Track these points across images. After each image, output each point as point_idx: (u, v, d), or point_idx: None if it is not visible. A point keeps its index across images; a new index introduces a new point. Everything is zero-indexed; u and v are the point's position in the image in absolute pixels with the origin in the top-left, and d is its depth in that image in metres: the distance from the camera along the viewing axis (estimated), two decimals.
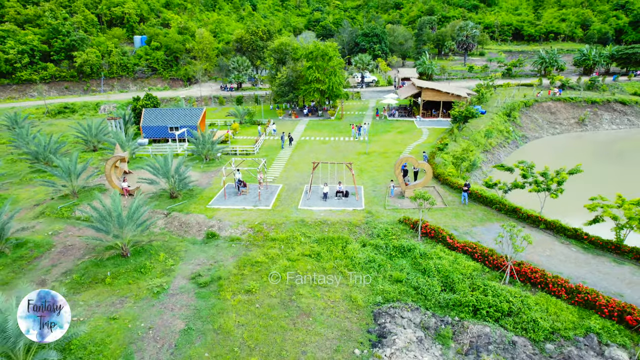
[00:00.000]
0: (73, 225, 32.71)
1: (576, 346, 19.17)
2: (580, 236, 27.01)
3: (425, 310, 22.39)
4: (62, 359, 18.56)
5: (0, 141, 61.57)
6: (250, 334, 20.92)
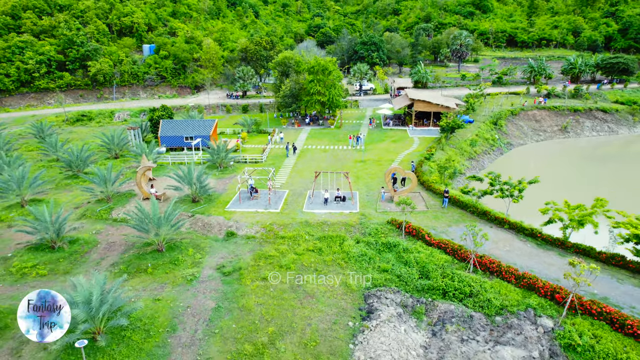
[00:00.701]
0: (112, 226, 38.71)
1: (517, 318, 25.15)
2: (535, 234, 33.02)
3: (405, 293, 28.37)
4: (127, 325, 24.51)
5: (29, 148, 67.52)
6: (266, 310, 26.90)
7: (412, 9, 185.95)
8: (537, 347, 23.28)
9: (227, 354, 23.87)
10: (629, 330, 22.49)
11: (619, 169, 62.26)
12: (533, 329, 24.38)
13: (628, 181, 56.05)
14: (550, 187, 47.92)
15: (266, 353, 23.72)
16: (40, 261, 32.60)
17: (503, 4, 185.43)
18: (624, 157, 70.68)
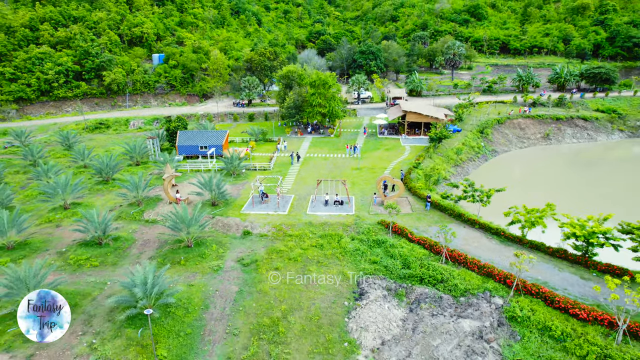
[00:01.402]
0: (145, 226, 45.90)
1: (477, 298, 32.33)
2: (499, 233, 40.21)
3: (390, 280, 35.55)
4: (171, 303, 31.69)
5: (56, 155, 74.67)
6: (279, 293, 34.07)
7: (410, 16, 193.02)
8: (489, 319, 30.46)
9: (250, 325, 31.06)
10: (557, 305, 29.67)
11: (592, 173, 69.42)
12: (487, 306, 31.57)
13: (596, 184, 63.11)
14: (523, 191, 55.22)
15: (280, 324, 30.91)
16: (91, 255, 39.79)
17: (497, 11, 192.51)
18: (598, 162, 77.79)
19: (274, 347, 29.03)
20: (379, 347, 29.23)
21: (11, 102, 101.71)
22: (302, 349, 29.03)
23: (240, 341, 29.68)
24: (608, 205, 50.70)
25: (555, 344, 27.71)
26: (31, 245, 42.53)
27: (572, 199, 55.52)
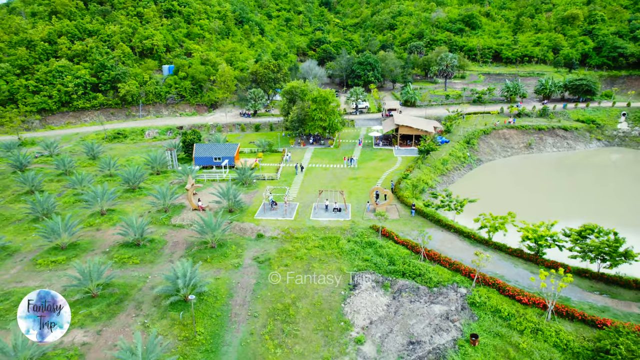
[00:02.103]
0: (173, 230, 54.48)
1: (446, 288, 40.89)
2: (470, 236, 48.79)
3: (378, 274, 44.10)
4: (204, 292, 40.24)
5: (83, 164, 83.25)
6: (289, 285, 42.61)
7: (407, 25, 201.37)
8: (455, 304, 39.04)
9: (266, 309, 39.63)
10: (507, 293, 38.26)
11: (564, 180, 77.86)
12: (454, 294, 40.16)
13: (566, 190, 71.60)
14: (499, 197, 63.80)
15: (290, 308, 39.47)
16: (132, 254, 48.38)
17: (491, 20, 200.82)
18: (572, 170, 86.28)
19: (286, 326, 37.59)
20: (368, 326, 37.80)
21: (35, 113, 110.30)
22: (308, 327, 37.60)
23: (259, 321, 38.25)
24: (572, 209, 59.66)
25: (502, 322, 36.31)
26: (80, 246, 51.14)
27: (541, 204, 64.09)
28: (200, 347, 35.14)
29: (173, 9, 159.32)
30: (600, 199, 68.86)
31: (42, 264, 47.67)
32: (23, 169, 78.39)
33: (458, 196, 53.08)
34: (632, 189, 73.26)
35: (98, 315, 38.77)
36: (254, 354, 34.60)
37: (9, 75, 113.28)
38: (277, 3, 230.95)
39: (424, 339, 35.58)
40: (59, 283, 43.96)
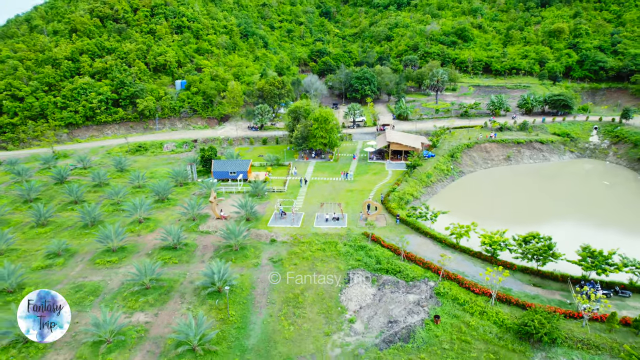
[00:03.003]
0: (201, 235, 67.12)
1: (419, 282, 53.56)
2: (441, 240, 61.45)
3: (367, 271, 56.74)
4: (233, 285, 52.95)
5: (113, 176, 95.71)
6: (298, 279, 55.23)
7: (403, 36, 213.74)
8: (425, 294, 51.69)
9: (281, 298, 52.24)
10: (464, 286, 50.92)
11: (534, 188, 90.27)
12: (425, 286, 52.83)
13: (532, 197, 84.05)
14: (472, 206, 76.43)
15: (299, 297, 52.07)
16: (172, 255, 61.04)
17: (483, 32, 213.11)
18: (543, 179, 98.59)
19: (296, 310, 50.21)
20: (358, 310, 50.46)
21: (63, 127, 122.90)
22: (313, 311, 50.23)
23: (276, 306, 50.89)
24: (532, 215, 72.23)
25: (459, 307, 48.99)
26: (127, 249, 63.80)
27: (506, 211, 76.65)
28: (233, 325, 47.79)
29: (183, 25, 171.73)
30: (559, 204, 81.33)
31: (100, 263, 60.36)
32: (63, 181, 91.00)
33: (434, 208, 65.81)
34: (592, 195, 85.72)
35: (153, 302, 51.47)
36: (273, 330, 47.24)
37: (38, 92, 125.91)
38: (279, 14, 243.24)
39: (400, 319, 48.25)
40: (117, 278, 56.72)
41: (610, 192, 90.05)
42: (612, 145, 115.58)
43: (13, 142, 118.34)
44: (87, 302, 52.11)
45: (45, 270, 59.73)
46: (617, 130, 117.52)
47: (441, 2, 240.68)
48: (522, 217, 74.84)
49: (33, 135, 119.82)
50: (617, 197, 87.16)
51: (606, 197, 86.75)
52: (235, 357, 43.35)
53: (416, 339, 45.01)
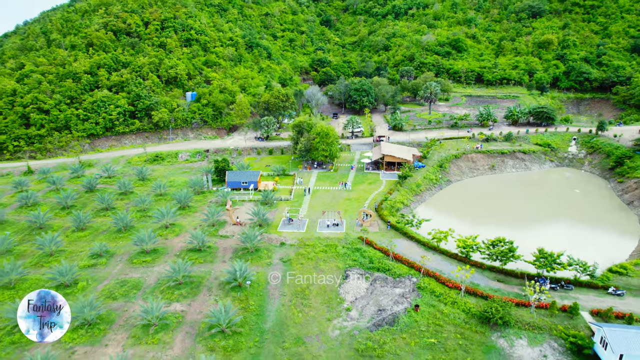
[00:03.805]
0: (220, 239, 79.14)
1: (404, 278, 65.63)
2: (424, 244, 73.54)
3: (362, 269, 68.82)
4: (251, 281, 65.10)
5: (136, 185, 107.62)
6: (304, 276, 67.30)
7: (400, 46, 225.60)
8: (408, 288, 63.76)
9: (290, 291, 64.30)
10: (441, 281, 63.00)
11: (512, 195, 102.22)
12: (409, 282, 64.91)
13: (509, 204, 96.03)
14: (455, 212, 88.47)
15: (306, 290, 64.15)
16: (197, 256, 73.06)
17: (477, 42, 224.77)
18: (523, 187, 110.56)
19: (304, 300, 62.22)
20: (354, 301, 62.47)
21: (85, 138, 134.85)
22: (317, 301, 62.25)
23: (287, 298, 62.91)
24: (505, 219, 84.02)
25: (435, 298, 61.04)
26: (158, 251, 75.82)
27: (483, 216, 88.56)
28: (252, 312, 59.85)
29: (191, 38, 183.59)
30: (532, 209, 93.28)
31: (137, 263, 72.39)
32: (92, 189, 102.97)
33: (419, 217, 77.86)
34: (562, 202, 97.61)
35: (186, 294, 63.51)
36: (285, 316, 59.29)
37: (61, 105, 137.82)
38: (281, 23, 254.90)
39: (387, 308, 60.32)
40: (153, 275, 68.76)
41: (579, 198, 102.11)
42: (587, 155, 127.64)
43: (41, 151, 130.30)
44: (131, 294, 64.17)
45: (91, 268, 71.75)
46: (592, 141, 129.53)
47: (437, 12, 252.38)
48: (497, 221, 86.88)
49: (58, 146, 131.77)
50: (585, 203, 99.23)
51: (575, 204, 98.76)
52: (256, 337, 55.41)
53: (400, 323, 57.09)
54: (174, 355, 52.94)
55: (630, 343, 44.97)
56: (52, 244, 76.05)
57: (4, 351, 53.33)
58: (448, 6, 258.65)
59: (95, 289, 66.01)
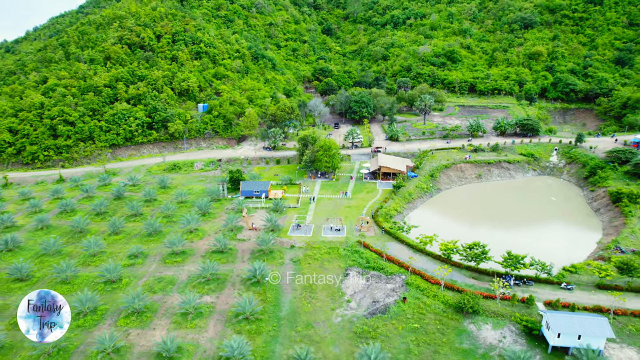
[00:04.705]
0: (239, 242, 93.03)
1: (395, 276, 79.58)
2: (414, 247, 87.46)
3: (359, 268, 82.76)
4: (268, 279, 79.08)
5: (159, 193, 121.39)
6: (311, 274, 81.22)
7: (398, 56, 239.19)
8: (398, 284, 77.68)
9: (300, 286, 78.19)
10: (425, 278, 76.94)
11: (496, 201, 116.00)
12: (399, 279, 78.84)
13: (490, 210, 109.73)
14: (441, 218, 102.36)
15: (313, 286, 78.08)
16: (220, 257, 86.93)
17: (471, 53, 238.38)
18: (506, 194, 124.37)
19: (311, 294, 76.09)
20: (353, 294, 76.34)
21: (107, 147, 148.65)
22: (322, 294, 76.13)
23: (297, 292, 76.78)
24: (487, 223, 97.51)
25: (420, 292, 74.95)
26: (186, 252, 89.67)
27: (465, 221, 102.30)
28: (270, 304, 73.73)
29: (201, 51, 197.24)
30: (510, 215, 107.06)
31: (169, 262, 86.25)
32: (120, 197, 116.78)
33: (410, 223, 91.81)
34: (538, 208, 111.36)
35: (214, 289, 77.36)
36: (297, 306, 73.15)
37: (85, 117, 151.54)
38: (284, 33, 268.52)
39: (380, 300, 74.20)
40: (184, 273, 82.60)
41: (554, 205, 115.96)
42: (566, 165, 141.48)
43: (68, 161, 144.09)
44: (168, 289, 78.03)
45: (130, 267, 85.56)
46: (571, 152, 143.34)
47: (434, 23, 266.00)
48: (477, 225, 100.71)
49: (84, 155, 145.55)
50: (558, 209, 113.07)
51: (548, 210, 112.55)
52: (274, 323, 69.29)
53: (390, 312, 70.96)
54: (208, 337, 66.81)
55: (567, 325, 58.73)
56: (95, 246, 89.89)
57: (72, 332, 67.14)
58: (444, 16, 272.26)
59: (137, 284, 79.86)
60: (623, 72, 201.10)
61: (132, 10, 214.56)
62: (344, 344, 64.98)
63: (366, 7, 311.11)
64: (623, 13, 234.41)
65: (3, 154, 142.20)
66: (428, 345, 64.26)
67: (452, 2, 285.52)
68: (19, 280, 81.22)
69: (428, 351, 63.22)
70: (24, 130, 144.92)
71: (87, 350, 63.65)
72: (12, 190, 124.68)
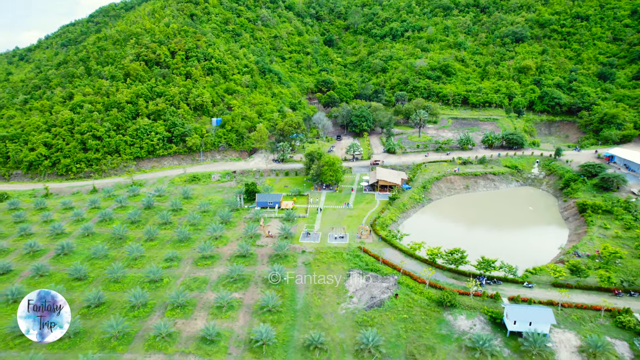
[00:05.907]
0: (258, 248, 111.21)
1: (389, 276, 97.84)
2: (405, 252, 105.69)
3: (360, 270, 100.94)
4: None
5: (183, 202, 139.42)
6: (319, 274, 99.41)
7: (396, 69, 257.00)
8: (391, 283, 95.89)
9: (312, 285, 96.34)
10: (413, 278, 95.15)
11: (479, 210, 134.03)
12: (392, 279, 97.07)
13: (473, 218, 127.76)
14: (430, 225, 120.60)
15: (321, 285, 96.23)
16: (243, 261, 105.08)
17: (465, 66, 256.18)
18: (489, 203, 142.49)
19: (320, 291, 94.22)
20: (354, 291, 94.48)
21: (132, 160, 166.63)
22: (329, 291, 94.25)
23: (309, 290, 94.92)
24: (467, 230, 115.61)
25: (410, 289, 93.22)
26: (214, 256, 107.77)
27: (450, 228, 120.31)
28: (287, 299, 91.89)
29: (212, 67, 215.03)
30: (490, 222, 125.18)
31: (200, 265, 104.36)
32: (150, 206, 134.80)
33: (402, 232, 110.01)
34: (516, 216, 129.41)
35: (240, 287, 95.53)
36: (309, 301, 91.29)
37: (110, 132, 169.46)
38: (288, 45, 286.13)
39: (377, 296, 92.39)
40: (214, 274, 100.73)
41: (529, 214, 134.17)
42: (546, 177, 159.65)
43: (98, 172, 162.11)
44: (202, 287, 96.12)
45: (168, 269, 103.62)
46: (551, 164, 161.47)
47: (430, 36, 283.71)
48: (461, 231, 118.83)
49: (111, 167, 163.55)
50: (532, 218, 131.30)
51: (524, 218, 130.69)
52: (291, 314, 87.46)
53: (385, 305, 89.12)
54: (239, 325, 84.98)
55: (521, 314, 76.91)
56: (136, 251, 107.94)
57: (131, 321, 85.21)
58: (440, 29, 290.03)
59: (176, 283, 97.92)
60: (605, 86, 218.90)
61: (147, 27, 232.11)
62: (348, 330, 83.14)
63: (366, 18, 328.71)
64: (608, 28, 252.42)
65: (40, 166, 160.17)
66: (414, 331, 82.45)
67: (448, 15, 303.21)
68: (78, 280, 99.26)
69: (414, 336, 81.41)
70: (58, 144, 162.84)
71: (146, 334, 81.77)
72: (54, 200, 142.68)
